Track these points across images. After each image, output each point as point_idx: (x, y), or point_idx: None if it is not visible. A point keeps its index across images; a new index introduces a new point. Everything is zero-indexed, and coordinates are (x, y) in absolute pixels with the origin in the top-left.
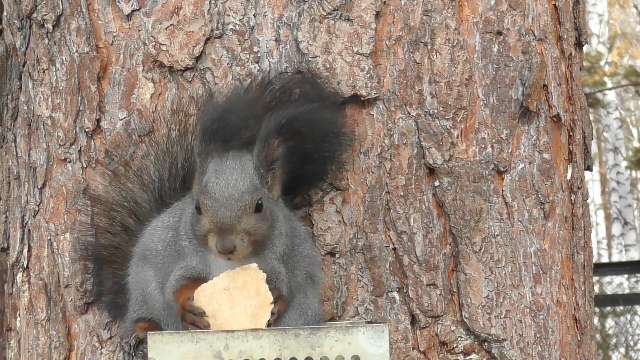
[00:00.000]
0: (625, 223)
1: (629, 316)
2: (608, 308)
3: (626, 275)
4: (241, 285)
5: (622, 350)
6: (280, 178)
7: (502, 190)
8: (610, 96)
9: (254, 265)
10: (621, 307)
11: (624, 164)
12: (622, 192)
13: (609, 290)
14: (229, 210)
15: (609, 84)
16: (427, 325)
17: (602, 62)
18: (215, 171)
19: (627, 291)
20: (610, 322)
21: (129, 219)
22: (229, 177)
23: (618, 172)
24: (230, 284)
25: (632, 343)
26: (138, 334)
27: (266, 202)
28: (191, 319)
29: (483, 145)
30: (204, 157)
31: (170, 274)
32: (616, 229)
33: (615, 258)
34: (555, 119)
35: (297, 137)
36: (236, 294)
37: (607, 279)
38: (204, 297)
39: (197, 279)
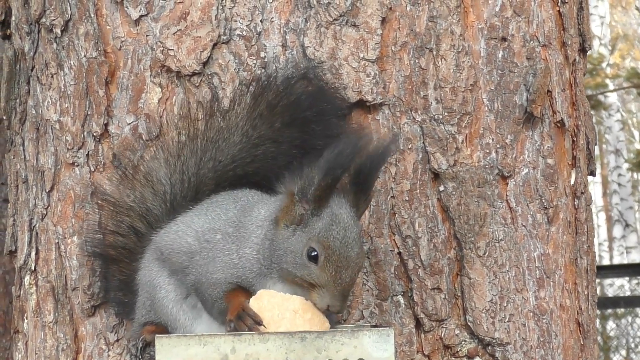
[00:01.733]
0: (627, 225)
1: (630, 318)
2: (609, 310)
3: (627, 278)
4: (309, 318)
5: (623, 352)
6: None
7: (506, 195)
8: (612, 98)
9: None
10: (622, 310)
11: (626, 166)
12: (623, 194)
13: (610, 293)
14: (349, 275)
15: (611, 86)
16: (432, 329)
17: (604, 64)
18: (335, 222)
19: (628, 293)
20: (611, 324)
21: (139, 223)
22: (350, 235)
23: (619, 174)
24: (300, 310)
25: (633, 345)
26: (145, 337)
27: None
28: (250, 324)
29: (487, 151)
30: (322, 202)
31: (213, 273)
32: (617, 231)
33: (617, 260)
34: (559, 125)
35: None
36: (299, 322)
37: (608, 281)
38: (268, 302)
39: (245, 288)
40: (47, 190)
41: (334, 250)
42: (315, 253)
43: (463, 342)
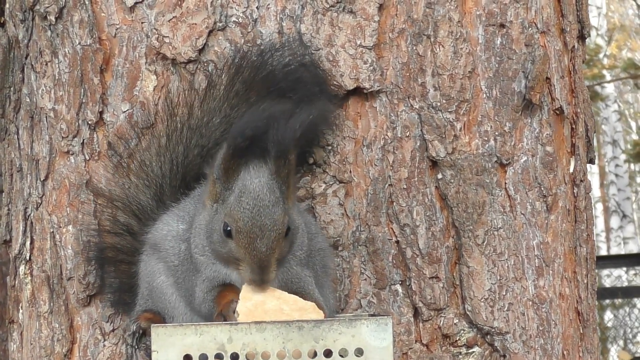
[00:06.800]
0: (624, 216)
1: (627, 309)
2: (607, 301)
3: (625, 268)
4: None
5: (621, 343)
6: (295, 184)
7: (505, 183)
8: (609, 89)
9: (312, 304)
10: (620, 300)
11: (623, 157)
12: (620, 185)
13: (607, 283)
14: (264, 244)
15: (608, 77)
16: (430, 318)
17: (600, 55)
18: (244, 193)
19: (625, 284)
20: (609, 315)
21: (133, 220)
22: (261, 203)
23: (617, 165)
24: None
25: (630, 336)
26: (141, 323)
27: (289, 220)
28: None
29: (486, 138)
30: (230, 174)
31: (194, 288)
32: (615, 221)
33: (614, 251)
34: (558, 112)
35: (309, 142)
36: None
37: (605, 271)
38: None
39: (224, 284)
40: (41, 179)
41: (244, 220)
42: (229, 227)
43: (462, 331)
